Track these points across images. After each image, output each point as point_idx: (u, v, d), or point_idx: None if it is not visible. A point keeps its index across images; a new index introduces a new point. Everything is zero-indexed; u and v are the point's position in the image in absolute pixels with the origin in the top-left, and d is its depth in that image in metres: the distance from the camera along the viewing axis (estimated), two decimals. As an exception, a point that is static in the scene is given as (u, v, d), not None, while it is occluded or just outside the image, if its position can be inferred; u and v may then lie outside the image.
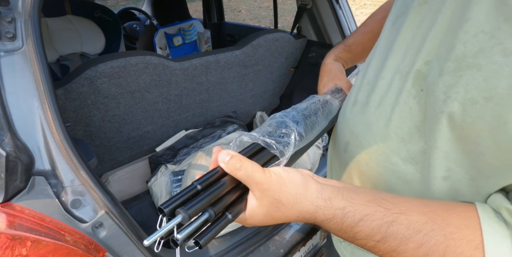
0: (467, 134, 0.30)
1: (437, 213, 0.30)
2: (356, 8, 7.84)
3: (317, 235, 1.11)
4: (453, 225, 0.29)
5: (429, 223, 0.29)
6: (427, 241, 0.28)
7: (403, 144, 0.38)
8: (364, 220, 0.30)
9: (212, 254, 0.92)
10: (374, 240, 0.30)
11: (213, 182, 0.33)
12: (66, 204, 0.59)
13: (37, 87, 0.59)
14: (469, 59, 0.29)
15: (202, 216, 0.31)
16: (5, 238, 0.47)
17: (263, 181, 0.31)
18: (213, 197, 0.32)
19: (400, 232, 0.29)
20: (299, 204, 0.32)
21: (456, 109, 0.30)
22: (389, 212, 0.30)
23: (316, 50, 1.60)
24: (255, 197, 0.33)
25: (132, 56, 1.08)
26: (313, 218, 0.32)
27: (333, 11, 1.38)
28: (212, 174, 0.34)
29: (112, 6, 3.08)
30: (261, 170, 0.32)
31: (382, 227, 0.30)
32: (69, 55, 1.68)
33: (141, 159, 1.46)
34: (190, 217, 0.29)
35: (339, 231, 0.32)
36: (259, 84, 1.64)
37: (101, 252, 0.61)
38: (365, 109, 0.44)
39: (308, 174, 0.35)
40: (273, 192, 0.32)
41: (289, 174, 0.33)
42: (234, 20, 6.75)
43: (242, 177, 0.32)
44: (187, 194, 0.31)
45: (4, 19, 0.58)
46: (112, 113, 1.17)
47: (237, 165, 0.31)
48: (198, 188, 0.32)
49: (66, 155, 0.60)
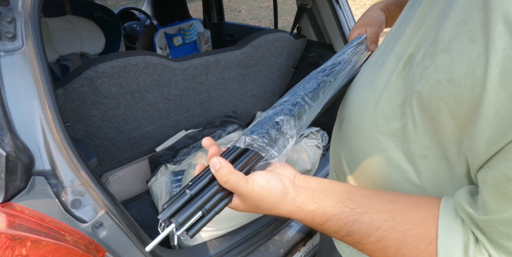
0: (433, 113, 0.32)
1: (399, 211, 0.34)
2: (356, 8, 7.84)
3: (317, 235, 1.11)
4: (412, 222, 0.32)
5: (389, 220, 0.33)
6: (386, 236, 0.33)
7: (386, 122, 0.40)
8: (330, 219, 0.35)
9: (212, 254, 0.92)
10: (340, 234, 0.36)
11: (206, 185, 0.38)
12: (66, 204, 0.59)
13: (37, 87, 0.59)
14: (445, 44, 0.31)
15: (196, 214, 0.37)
16: (5, 238, 0.47)
17: (245, 193, 0.36)
18: (203, 201, 0.37)
19: (362, 228, 0.34)
20: (276, 209, 0.37)
21: (425, 89, 0.32)
22: (354, 211, 0.35)
23: (316, 50, 1.60)
24: (239, 199, 0.38)
25: (132, 56, 1.08)
26: (287, 217, 0.38)
27: (333, 11, 1.38)
28: (201, 177, 0.38)
29: (112, 6, 3.08)
30: (244, 183, 0.35)
31: (346, 225, 0.35)
32: (69, 55, 1.68)
33: (141, 159, 1.46)
34: (181, 224, 0.35)
35: (311, 226, 0.38)
36: (259, 84, 1.64)
37: (101, 252, 0.61)
38: (361, 88, 0.47)
39: (290, 179, 0.39)
40: (253, 200, 0.36)
41: (270, 185, 0.37)
42: (234, 20, 6.75)
43: (227, 188, 0.36)
44: (179, 201, 0.37)
45: (4, 19, 0.58)
46: (112, 113, 1.17)
47: (223, 178, 0.35)
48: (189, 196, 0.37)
49: (66, 155, 0.60)
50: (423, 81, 0.33)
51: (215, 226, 0.99)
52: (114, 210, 0.63)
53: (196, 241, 0.99)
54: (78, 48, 1.71)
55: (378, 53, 0.48)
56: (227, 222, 1.00)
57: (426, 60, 0.33)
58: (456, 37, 0.29)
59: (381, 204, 0.35)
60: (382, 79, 0.42)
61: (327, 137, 1.58)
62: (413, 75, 0.35)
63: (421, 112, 0.34)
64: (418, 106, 0.34)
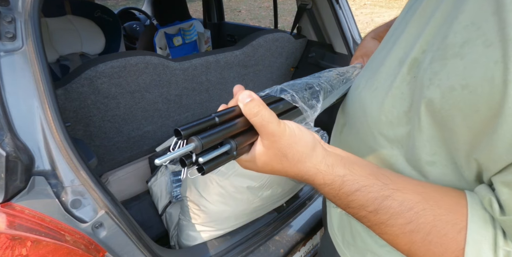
0: (445, 120, 0.32)
1: (431, 194, 0.31)
2: (356, 8, 7.85)
3: (317, 235, 1.11)
4: (443, 207, 0.30)
5: (422, 202, 0.30)
6: (416, 218, 0.30)
7: (391, 127, 0.39)
8: (361, 190, 0.32)
9: (212, 254, 0.92)
10: (367, 210, 0.32)
11: (229, 120, 0.33)
12: (66, 204, 0.59)
13: (37, 87, 0.59)
14: (456, 48, 0.30)
15: (224, 147, 0.32)
16: (5, 238, 0.47)
17: (275, 132, 0.31)
18: (226, 133, 0.32)
19: (393, 206, 0.31)
20: (302, 163, 0.33)
21: (436, 96, 0.31)
22: (386, 187, 0.32)
23: (316, 50, 1.60)
24: (263, 144, 0.33)
25: (132, 56, 1.08)
26: (311, 179, 0.33)
27: (333, 11, 1.38)
28: (229, 110, 0.34)
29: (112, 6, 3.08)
30: (276, 121, 0.31)
31: (377, 199, 0.31)
32: (69, 55, 1.68)
33: (141, 159, 1.46)
34: (203, 147, 0.29)
35: (334, 197, 0.33)
36: (259, 84, 1.64)
37: (101, 252, 0.61)
38: (363, 92, 0.46)
39: (318, 139, 0.35)
40: (282, 145, 0.32)
41: (302, 132, 0.33)
42: (234, 20, 6.75)
43: (256, 123, 0.31)
44: (204, 124, 0.31)
45: (4, 19, 0.58)
46: (112, 113, 1.17)
47: (254, 109, 0.31)
48: (216, 120, 0.32)
49: (66, 155, 0.60)
50: (434, 87, 0.32)
51: (215, 226, 0.99)
52: (114, 210, 0.63)
53: (196, 241, 0.99)
54: (78, 48, 1.71)
55: (378, 56, 0.47)
56: (227, 222, 1.00)
57: (436, 65, 0.32)
58: (469, 41, 0.29)
59: (413, 185, 0.33)
60: (385, 83, 0.41)
61: (327, 137, 1.57)
62: (421, 80, 0.34)
63: (429, 118, 0.33)
64: (427, 112, 0.33)
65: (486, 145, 0.28)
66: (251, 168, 0.35)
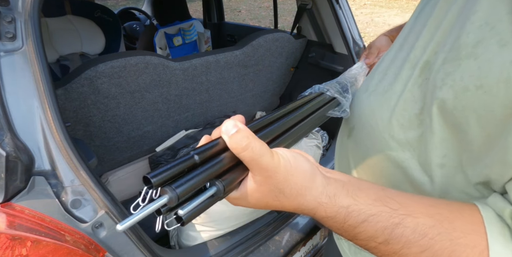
0: (458, 121, 0.31)
1: (444, 215, 0.28)
2: (356, 8, 7.84)
3: (317, 235, 1.11)
4: (459, 229, 0.27)
5: (436, 226, 0.28)
6: (432, 245, 0.27)
7: (403, 130, 0.39)
8: (368, 221, 0.28)
9: (212, 254, 0.92)
10: (377, 241, 0.29)
11: (212, 156, 0.28)
12: (66, 204, 0.59)
13: (37, 87, 0.59)
14: (469, 48, 0.30)
15: (209, 190, 0.27)
16: (5, 238, 0.47)
17: (269, 167, 0.27)
18: (209, 174, 0.27)
19: (405, 235, 0.28)
20: (302, 197, 0.29)
21: (449, 96, 0.31)
22: (396, 213, 0.28)
23: (316, 50, 1.59)
24: (255, 180, 0.28)
25: (132, 56, 1.08)
26: (312, 213, 0.30)
27: (333, 11, 1.38)
28: (212, 145, 0.29)
29: (112, 6, 3.08)
30: (269, 153, 0.27)
31: (387, 229, 0.28)
32: (69, 55, 1.68)
33: (141, 159, 1.46)
34: (179, 198, 0.24)
35: (339, 230, 0.30)
36: (259, 84, 1.64)
37: (101, 252, 0.61)
38: (373, 95, 0.46)
39: (315, 164, 0.32)
40: (277, 180, 0.28)
41: (298, 162, 0.29)
42: (234, 20, 6.74)
43: (245, 158, 0.27)
44: (181, 165, 0.26)
45: (4, 19, 0.58)
46: (112, 113, 1.17)
47: (242, 142, 0.26)
48: (196, 159, 0.27)
49: (66, 155, 0.60)
50: (446, 88, 0.31)
51: (215, 226, 0.99)
52: (114, 210, 0.63)
53: (196, 241, 0.99)
54: (78, 48, 1.71)
55: (387, 59, 0.46)
56: (227, 222, 1.00)
57: (448, 66, 0.31)
58: (483, 41, 0.28)
59: (423, 207, 0.29)
60: (397, 87, 0.40)
61: (327, 137, 1.57)
62: (433, 82, 0.33)
63: (442, 120, 0.33)
64: (440, 114, 0.33)
65: (500, 148, 0.27)
66: (241, 205, 0.31)
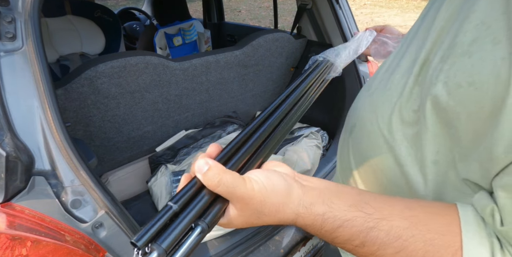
0: (449, 117, 0.32)
1: (420, 218, 0.30)
2: (356, 8, 7.85)
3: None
4: (434, 231, 0.29)
5: (410, 228, 0.29)
6: (406, 247, 0.29)
7: (401, 127, 0.40)
8: (343, 226, 0.30)
9: (212, 254, 0.92)
10: (353, 244, 0.31)
11: (191, 198, 0.30)
12: (66, 204, 0.59)
13: (37, 87, 0.59)
14: (465, 47, 0.30)
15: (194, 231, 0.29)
16: (5, 238, 0.47)
17: (244, 195, 0.29)
18: (192, 218, 0.29)
19: (379, 237, 0.30)
20: (281, 212, 0.31)
21: (443, 93, 0.32)
22: (370, 217, 0.30)
23: (316, 50, 1.59)
24: (236, 208, 0.31)
25: (132, 56, 1.08)
26: (292, 223, 0.33)
27: (333, 11, 1.38)
28: (188, 189, 0.31)
29: (112, 6, 3.08)
30: (241, 183, 0.30)
31: (361, 233, 0.30)
32: (69, 55, 1.68)
33: (141, 159, 1.46)
34: (166, 251, 0.26)
35: (318, 235, 0.32)
36: (259, 84, 1.64)
37: (101, 252, 0.61)
38: (375, 93, 0.46)
39: (290, 176, 0.34)
40: (255, 205, 0.30)
41: (272, 182, 0.31)
42: (234, 20, 6.74)
43: (221, 192, 0.29)
44: (162, 219, 0.28)
45: (4, 19, 0.58)
46: (112, 113, 1.17)
47: (215, 179, 0.29)
48: (175, 208, 0.29)
49: (66, 155, 0.60)
50: (441, 84, 0.32)
51: (215, 226, 0.99)
52: (114, 210, 0.63)
53: (196, 241, 0.99)
54: (78, 48, 1.71)
55: (392, 58, 0.47)
56: (227, 222, 1.00)
57: (444, 64, 0.32)
58: (478, 40, 0.29)
59: (398, 209, 0.31)
60: (398, 84, 0.41)
61: (327, 137, 1.57)
62: (429, 79, 0.34)
63: (435, 116, 0.33)
64: (433, 110, 0.33)
65: (487, 145, 0.28)
66: (230, 228, 0.34)
